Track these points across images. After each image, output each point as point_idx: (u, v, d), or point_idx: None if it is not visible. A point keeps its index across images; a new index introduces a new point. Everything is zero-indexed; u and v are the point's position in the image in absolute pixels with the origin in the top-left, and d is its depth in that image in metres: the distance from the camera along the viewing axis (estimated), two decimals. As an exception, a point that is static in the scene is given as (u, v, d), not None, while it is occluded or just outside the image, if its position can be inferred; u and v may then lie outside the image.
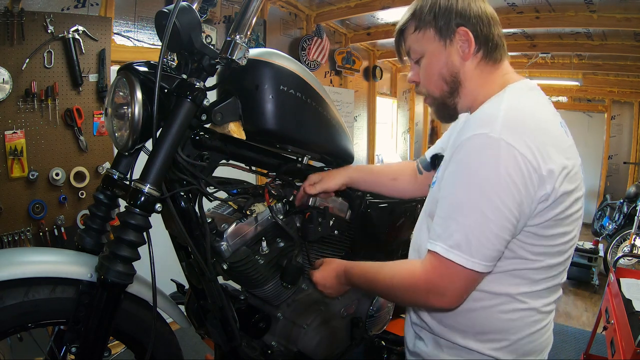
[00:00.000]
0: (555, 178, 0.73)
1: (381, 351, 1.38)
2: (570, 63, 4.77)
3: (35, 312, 0.85)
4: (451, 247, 0.74)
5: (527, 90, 0.85)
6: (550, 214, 0.76)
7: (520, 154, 0.71)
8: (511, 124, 0.74)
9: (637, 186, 4.54)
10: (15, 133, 2.03)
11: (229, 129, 1.00)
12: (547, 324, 0.88)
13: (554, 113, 0.84)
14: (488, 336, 0.84)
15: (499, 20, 0.90)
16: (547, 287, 0.84)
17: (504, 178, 0.71)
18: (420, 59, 0.91)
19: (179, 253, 1.12)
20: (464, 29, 0.86)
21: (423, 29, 0.89)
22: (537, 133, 0.74)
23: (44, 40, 2.09)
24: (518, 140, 0.72)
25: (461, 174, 0.76)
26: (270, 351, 1.18)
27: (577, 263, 3.97)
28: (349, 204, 1.34)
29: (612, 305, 2.07)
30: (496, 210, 0.72)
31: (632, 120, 6.04)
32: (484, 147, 0.73)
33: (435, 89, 0.91)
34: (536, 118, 0.78)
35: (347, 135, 1.27)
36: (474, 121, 0.80)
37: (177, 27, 0.86)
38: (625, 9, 3.13)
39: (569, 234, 0.81)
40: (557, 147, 0.76)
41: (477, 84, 0.89)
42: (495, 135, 0.73)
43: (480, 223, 0.73)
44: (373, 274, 0.91)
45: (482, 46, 0.87)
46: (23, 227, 2.09)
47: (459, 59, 0.87)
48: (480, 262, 0.74)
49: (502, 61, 0.90)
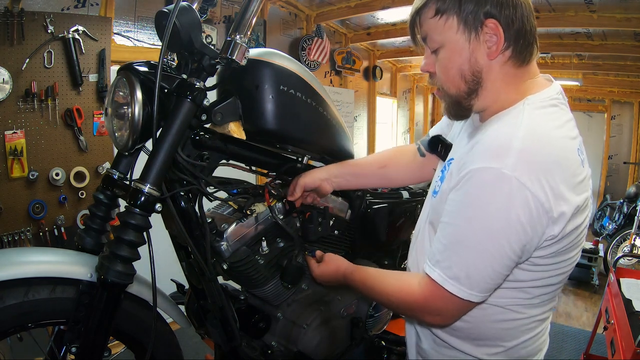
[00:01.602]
0: (566, 220, 0.69)
1: (381, 351, 1.38)
2: (570, 63, 4.77)
3: (35, 312, 0.85)
4: (450, 277, 0.73)
5: (549, 106, 0.76)
6: (555, 247, 0.73)
7: (532, 195, 0.66)
8: (527, 159, 0.67)
9: (637, 186, 4.54)
10: (15, 133, 2.03)
11: (229, 129, 1.00)
12: (543, 329, 0.86)
13: (573, 137, 0.75)
14: (483, 342, 0.83)
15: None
16: (545, 299, 0.82)
17: (513, 220, 0.67)
18: (438, 49, 0.80)
19: (179, 253, 1.12)
20: (494, 21, 0.74)
21: (445, 14, 0.76)
22: (554, 170, 0.68)
23: (44, 40, 2.09)
24: (533, 179, 0.66)
25: (469, 207, 0.71)
26: (270, 351, 1.18)
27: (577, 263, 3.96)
28: (349, 204, 1.34)
29: (612, 305, 2.07)
30: (500, 249, 0.69)
31: (632, 120, 6.04)
32: (496, 185, 0.67)
33: (452, 87, 0.81)
34: (554, 150, 0.70)
35: (347, 135, 1.27)
36: (486, 146, 0.72)
37: (177, 27, 0.86)
38: (625, 9, 3.13)
39: (571, 258, 0.78)
40: (571, 184, 0.70)
41: (498, 87, 0.79)
42: (508, 172, 0.66)
43: (482, 260, 0.70)
44: (371, 284, 0.91)
45: (513, 43, 0.76)
46: (23, 227, 2.09)
47: (484, 56, 0.76)
48: (477, 294, 0.73)
49: (530, 62, 0.80)
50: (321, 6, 3.85)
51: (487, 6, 0.73)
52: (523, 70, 0.79)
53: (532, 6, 0.78)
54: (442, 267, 0.74)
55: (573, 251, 0.77)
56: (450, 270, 0.73)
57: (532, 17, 0.77)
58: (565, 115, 0.77)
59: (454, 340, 0.85)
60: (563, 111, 0.77)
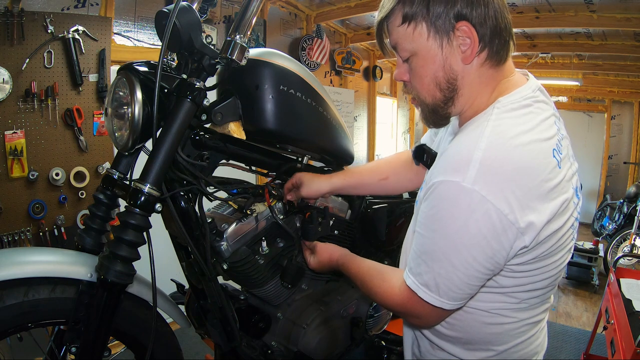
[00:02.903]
0: (536, 229, 0.66)
1: (381, 351, 1.38)
2: (570, 63, 4.77)
3: (35, 312, 0.85)
4: (421, 284, 0.73)
5: (521, 107, 0.72)
6: (533, 254, 0.70)
7: (494, 208, 0.63)
8: (488, 171, 0.64)
9: (637, 186, 4.54)
10: (15, 133, 2.03)
11: (229, 128, 1.00)
12: (537, 332, 0.84)
13: (547, 137, 0.70)
14: (474, 346, 0.82)
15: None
16: (534, 303, 0.79)
17: (475, 234, 0.65)
18: (410, 57, 0.76)
19: (179, 253, 1.11)
20: (466, 23, 0.70)
21: (414, 21, 0.72)
22: (518, 180, 0.64)
23: (44, 40, 2.09)
24: (494, 192, 0.63)
25: (432, 220, 0.70)
26: (270, 351, 1.18)
27: (577, 263, 3.98)
28: (349, 204, 1.34)
29: (612, 305, 2.07)
30: (464, 262, 0.67)
31: (632, 120, 6.04)
32: (456, 199, 0.66)
33: (427, 95, 0.78)
34: (519, 158, 0.65)
35: (347, 135, 1.27)
36: (448, 159, 0.70)
37: (177, 27, 0.86)
38: (625, 9, 3.13)
39: (557, 261, 0.74)
40: (542, 191, 0.66)
41: (475, 91, 0.76)
42: (468, 185, 0.64)
43: (448, 271, 0.69)
44: (360, 281, 0.93)
45: (488, 44, 0.72)
46: (23, 227, 2.09)
47: (458, 61, 0.73)
48: (448, 302, 0.72)
49: (507, 60, 0.76)
50: (321, 6, 3.85)
51: (457, 6, 0.69)
52: (499, 69, 0.76)
53: (504, 0, 0.74)
54: (415, 274, 0.74)
55: (556, 255, 0.74)
56: (421, 277, 0.73)
57: (506, 12, 0.73)
58: (540, 114, 0.72)
59: (445, 345, 0.85)
60: (537, 111, 0.73)
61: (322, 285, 1.30)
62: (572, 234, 0.76)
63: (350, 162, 1.32)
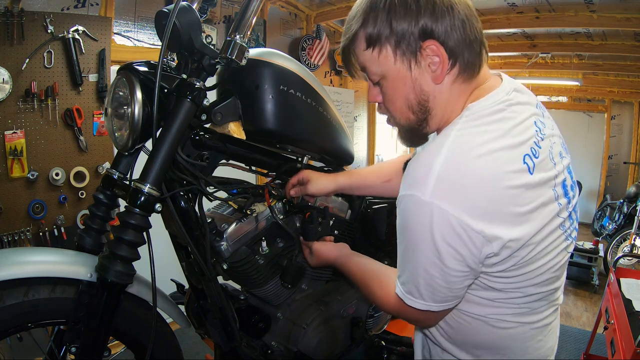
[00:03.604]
0: (503, 241, 0.64)
1: (381, 351, 1.37)
2: (570, 63, 4.77)
3: (35, 312, 0.85)
4: (406, 292, 0.74)
5: (492, 113, 0.69)
6: (511, 261, 0.68)
7: (456, 219, 0.62)
8: (445, 185, 0.63)
9: (637, 186, 4.54)
10: (15, 133, 2.03)
11: (229, 128, 1.00)
12: (546, 336, 0.82)
13: (519, 143, 0.67)
14: (480, 351, 0.82)
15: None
16: (538, 306, 0.77)
17: (440, 244, 0.65)
18: (380, 80, 0.75)
19: (179, 253, 1.11)
20: (433, 42, 0.67)
21: (378, 45, 0.70)
22: (481, 190, 0.63)
23: (44, 40, 2.09)
24: (454, 203, 0.63)
25: (402, 233, 0.71)
26: (270, 351, 1.18)
27: (577, 263, 3.98)
28: (349, 204, 1.34)
29: (612, 305, 2.07)
30: (440, 270, 0.68)
31: (632, 120, 6.04)
32: (416, 212, 0.66)
33: (401, 117, 0.77)
34: (482, 167, 0.63)
35: (347, 135, 1.27)
36: (410, 173, 0.69)
37: (177, 27, 0.86)
38: (625, 9, 3.13)
39: (544, 265, 0.72)
40: (508, 201, 0.64)
41: (449, 108, 0.74)
42: (426, 199, 0.64)
43: (426, 279, 0.70)
44: (359, 282, 0.95)
45: (459, 58, 0.69)
46: (23, 227, 2.09)
47: (429, 82, 0.71)
48: (435, 304, 0.72)
49: (481, 70, 0.73)
50: (321, 6, 3.85)
51: (421, 21, 0.67)
52: (473, 81, 0.73)
53: (472, 7, 0.71)
54: (401, 282, 0.76)
55: (543, 259, 0.71)
56: (405, 285, 0.74)
57: (475, 20, 0.70)
58: (514, 118, 0.69)
59: (454, 349, 0.84)
60: (511, 115, 0.70)
61: (322, 285, 1.30)
62: (561, 235, 0.74)
63: (350, 162, 1.32)
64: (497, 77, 0.78)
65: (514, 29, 3.80)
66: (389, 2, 0.68)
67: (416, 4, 0.67)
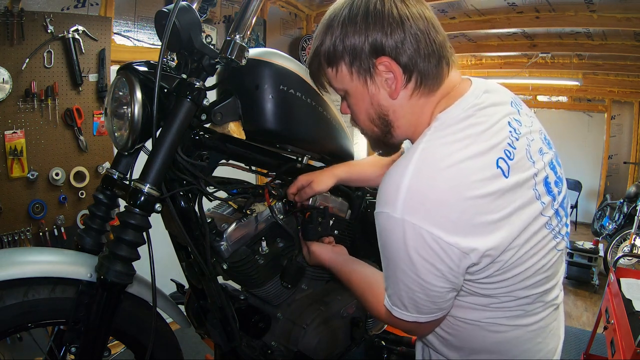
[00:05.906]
0: (480, 252, 0.63)
1: (381, 351, 1.37)
2: (570, 63, 4.76)
3: (35, 312, 0.85)
4: (392, 304, 0.75)
5: (460, 120, 0.68)
6: (495, 266, 0.67)
7: (429, 234, 0.62)
8: (415, 200, 0.63)
9: (637, 186, 4.54)
10: (15, 133, 2.03)
11: (229, 128, 1.00)
12: (544, 340, 0.81)
13: (492, 146, 0.66)
14: (478, 355, 0.81)
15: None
16: (533, 308, 0.76)
17: (418, 260, 0.65)
18: (344, 95, 0.78)
19: (179, 253, 1.11)
20: (385, 59, 0.67)
21: (335, 65, 0.72)
22: (452, 201, 0.62)
23: (44, 40, 2.09)
24: (425, 218, 0.62)
25: (382, 249, 0.71)
26: (270, 351, 1.18)
27: (577, 263, 3.98)
28: (349, 204, 1.34)
29: (612, 305, 2.07)
30: (420, 285, 0.68)
31: (632, 120, 6.03)
32: (390, 230, 0.66)
33: (367, 130, 0.80)
34: (451, 178, 0.62)
35: (347, 135, 1.27)
36: (381, 190, 0.68)
37: (177, 27, 0.86)
38: (625, 9, 3.13)
39: (534, 266, 0.71)
40: (483, 209, 0.63)
41: (413, 120, 0.74)
42: (397, 215, 0.63)
43: (408, 293, 0.70)
44: (352, 291, 0.96)
45: (415, 73, 0.69)
46: (23, 227, 2.09)
47: (386, 97, 0.72)
48: (421, 316, 0.73)
49: (442, 83, 0.72)
50: (321, 6, 3.85)
51: (371, 37, 0.67)
52: (435, 94, 0.72)
53: (431, 19, 0.69)
54: (388, 294, 0.76)
55: (529, 261, 0.70)
56: (391, 298, 0.75)
57: (432, 30, 0.69)
58: (485, 122, 0.68)
59: (453, 355, 0.84)
60: (481, 119, 0.68)
61: (322, 285, 1.30)
62: (547, 235, 0.72)
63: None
64: (466, 81, 0.77)
65: (514, 28, 3.79)
66: (341, 20, 0.69)
67: (365, 22, 0.67)
